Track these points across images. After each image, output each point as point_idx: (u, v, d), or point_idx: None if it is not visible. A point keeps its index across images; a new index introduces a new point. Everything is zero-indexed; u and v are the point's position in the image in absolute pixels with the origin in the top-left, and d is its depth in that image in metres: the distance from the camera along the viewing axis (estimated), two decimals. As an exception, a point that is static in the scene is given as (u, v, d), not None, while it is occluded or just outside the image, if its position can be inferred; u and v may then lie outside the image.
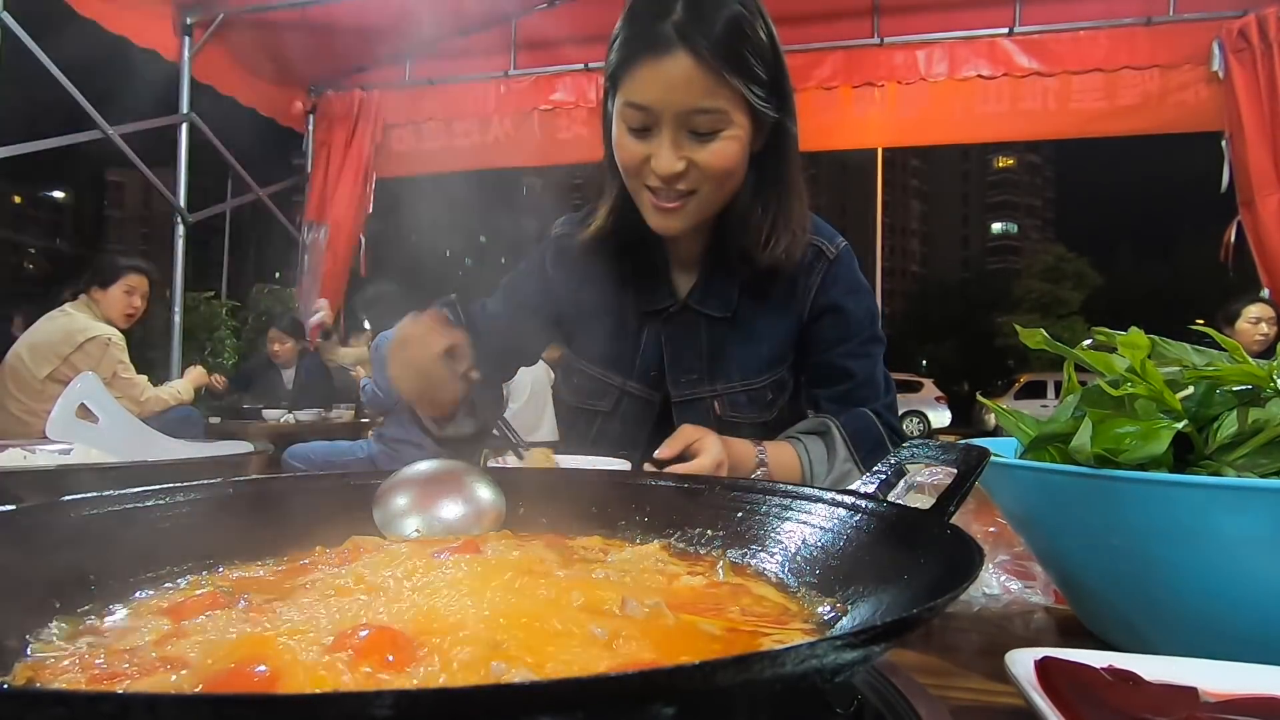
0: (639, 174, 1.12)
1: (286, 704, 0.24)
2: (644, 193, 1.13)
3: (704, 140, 1.07)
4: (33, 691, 0.29)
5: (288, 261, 5.85)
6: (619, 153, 1.13)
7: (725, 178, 1.11)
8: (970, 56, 4.60)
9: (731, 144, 1.08)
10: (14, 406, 3.34)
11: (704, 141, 1.07)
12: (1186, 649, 0.50)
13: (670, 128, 1.06)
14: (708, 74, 1.02)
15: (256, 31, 4.84)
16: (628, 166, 1.12)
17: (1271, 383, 0.58)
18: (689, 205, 1.12)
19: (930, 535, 0.45)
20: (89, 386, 1.23)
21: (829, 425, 1.19)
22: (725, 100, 1.05)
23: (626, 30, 1.08)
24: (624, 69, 1.07)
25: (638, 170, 1.11)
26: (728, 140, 1.08)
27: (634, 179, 1.14)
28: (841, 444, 1.17)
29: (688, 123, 1.06)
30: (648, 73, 1.04)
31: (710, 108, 1.05)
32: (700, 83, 1.03)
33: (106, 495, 0.54)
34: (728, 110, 1.06)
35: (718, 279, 1.25)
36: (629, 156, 1.11)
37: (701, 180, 1.10)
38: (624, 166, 1.13)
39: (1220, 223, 4.34)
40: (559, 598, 0.45)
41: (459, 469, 0.72)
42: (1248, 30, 4.12)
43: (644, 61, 1.04)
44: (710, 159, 1.08)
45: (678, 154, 1.07)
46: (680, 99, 1.04)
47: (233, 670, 0.34)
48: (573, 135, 5.19)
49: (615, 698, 0.24)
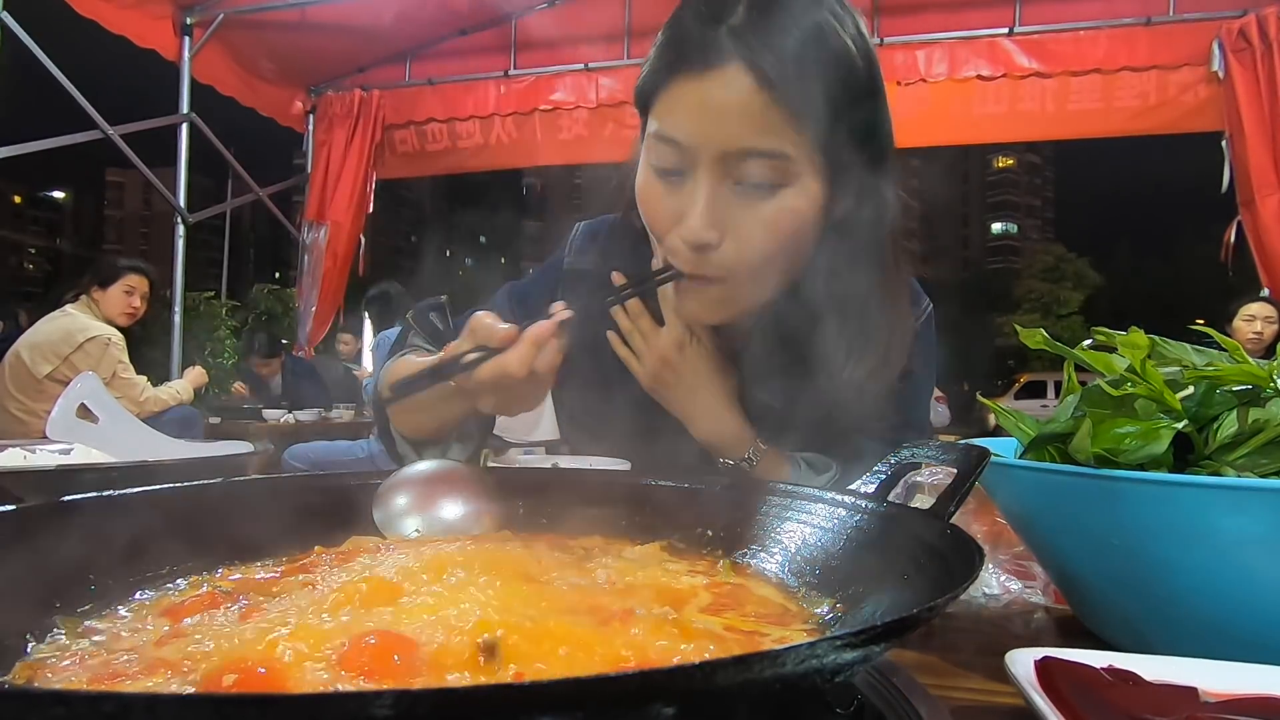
0: (665, 234, 0.83)
1: (286, 704, 0.24)
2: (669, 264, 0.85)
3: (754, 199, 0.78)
4: (33, 691, 0.29)
5: (288, 261, 5.87)
6: (643, 204, 0.85)
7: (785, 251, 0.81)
8: (970, 57, 4.60)
9: (793, 209, 0.78)
10: (14, 406, 3.34)
11: (755, 197, 0.78)
12: (1186, 649, 0.50)
13: (709, 175, 0.77)
14: (768, 97, 0.73)
15: (256, 31, 4.84)
16: (652, 219, 0.85)
17: (1271, 383, 0.58)
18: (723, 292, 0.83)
19: (930, 535, 0.45)
20: (89, 386, 1.23)
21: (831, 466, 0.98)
22: (792, 143, 0.75)
23: (666, 35, 0.81)
24: (654, 87, 0.81)
25: (664, 227, 0.83)
26: (788, 202, 0.78)
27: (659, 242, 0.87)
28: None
29: (735, 170, 0.77)
30: (686, 93, 0.77)
31: (769, 150, 0.75)
32: (755, 113, 0.74)
33: (106, 495, 0.54)
34: (793, 158, 0.76)
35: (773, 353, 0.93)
36: (653, 211, 0.84)
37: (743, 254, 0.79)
38: (648, 219, 0.86)
39: (1220, 223, 4.34)
40: (560, 598, 0.45)
41: (459, 469, 0.72)
42: (1248, 30, 4.12)
43: (682, 77, 0.77)
44: (760, 226, 0.78)
45: (713, 216, 0.78)
46: (727, 134, 0.75)
47: (232, 670, 0.34)
48: (573, 135, 5.20)
49: (615, 698, 0.24)
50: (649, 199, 0.85)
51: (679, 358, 0.94)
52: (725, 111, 0.75)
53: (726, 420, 0.95)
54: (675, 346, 0.94)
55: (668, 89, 0.79)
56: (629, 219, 0.98)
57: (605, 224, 1.08)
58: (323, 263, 5.53)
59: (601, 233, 1.07)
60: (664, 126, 0.80)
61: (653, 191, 0.84)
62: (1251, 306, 3.96)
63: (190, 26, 4.67)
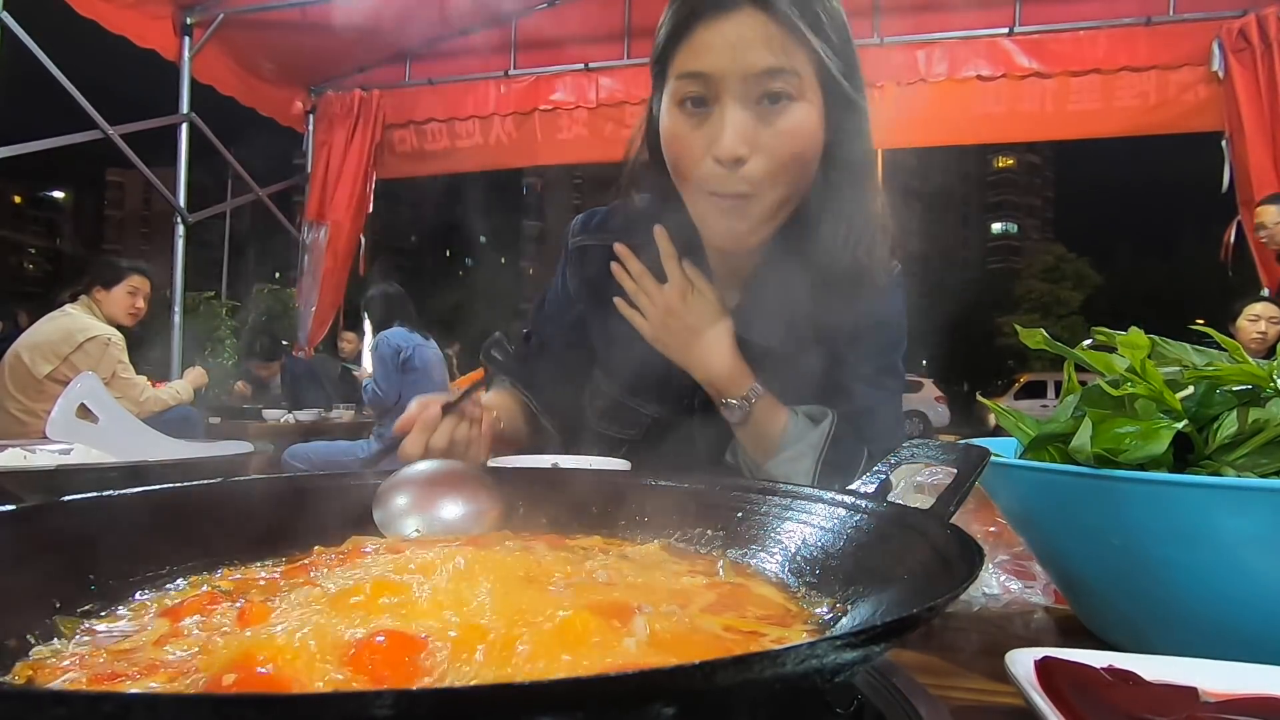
0: (697, 168, 0.95)
1: (286, 704, 0.24)
2: (701, 196, 0.97)
3: (773, 113, 0.92)
4: (33, 691, 0.29)
5: (288, 261, 5.87)
6: (670, 146, 0.97)
7: (798, 162, 0.95)
8: (970, 57, 4.60)
9: (806, 117, 0.93)
10: (14, 406, 3.34)
11: (773, 115, 0.92)
12: (1186, 649, 0.50)
13: (734, 99, 0.91)
14: (780, 28, 0.90)
15: (256, 31, 4.84)
16: (681, 157, 0.97)
17: (1271, 383, 0.58)
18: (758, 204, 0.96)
19: (930, 535, 0.45)
20: (89, 386, 1.23)
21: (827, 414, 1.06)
22: (800, 61, 0.91)
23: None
24: (677, 38, 0.94)
25: (695, 162, 0.95)
26: (801, 112, 0.93)
27: (690, 180, 0.97)
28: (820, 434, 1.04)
29: (755, 89, 0.91)
30: (709, 35, 0.91)
31: (782, 67, 0.90)
32: (772, 39, 0.90)
33: (106, 495, 0.54)
34: (801, 75, 0.92)
35: (768, 303, 1.08)
36: (683, 146, 0.95)
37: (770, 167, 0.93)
38: (676, 162, 0.97)
39: (1220, 223, 4.34)
40: (559, 598, 0.45)
41: (459, 469, 0.72)
42: (1248, 30, 4.12)
43: (703, 24, 0.92)
44: (780, 137, 0.92)
45: (743, 132, 0.91)
46: (747, 60, 0.90)
47: (233, 670, 0.34)
48: (573, 135, 5.20)
49: (615, 698, 0.24)
50: (678, 136, 0.96)
51: (682, 306, 1.04)
52: (745, 42, 0.90)
53: (727, 358, 1.04)
54: (679, 296, 1.04)
55: (690, 37, 0.93)
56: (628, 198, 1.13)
57: (602, 210, 1.22)
58: (323, 263, 5.53)
59: (598, 216, 1.22)
60: (690, 65, 0.93)
61: (681, 128, 0.96)
62: (1255, 306, 3.97)
63: (190, 26, 4.68)
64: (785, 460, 1.03)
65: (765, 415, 1.04)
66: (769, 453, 1.04)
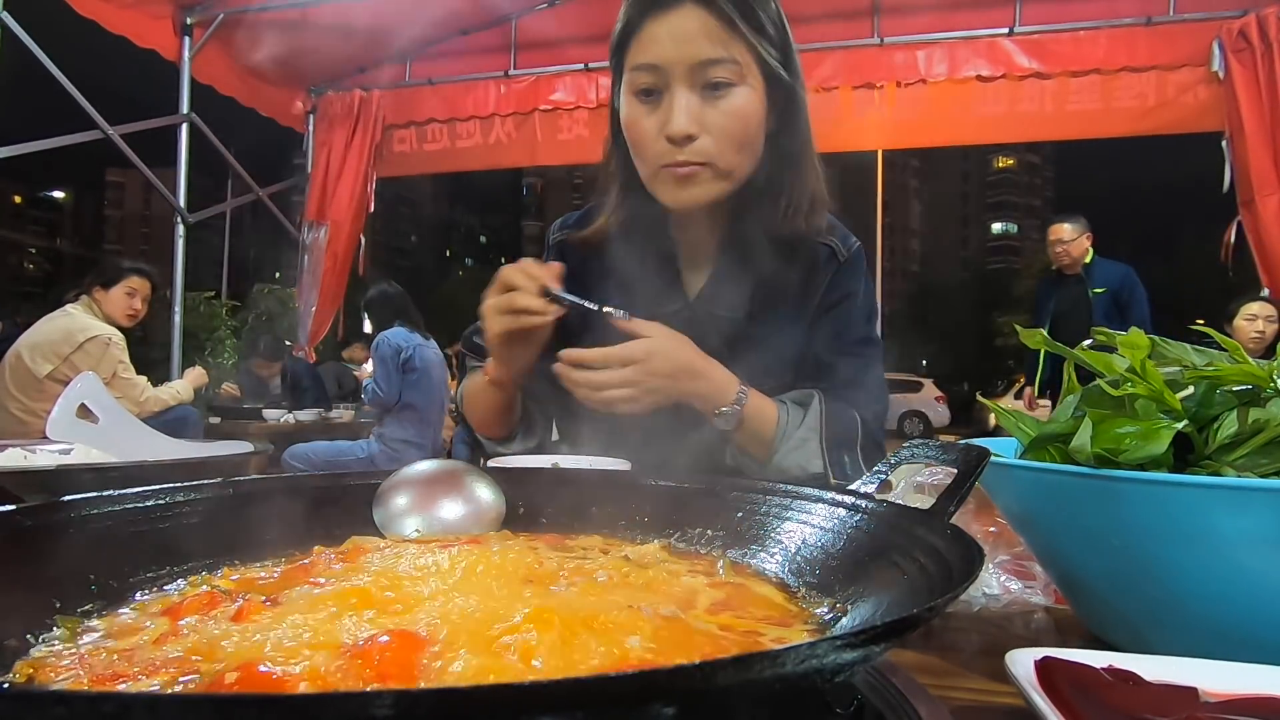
0: (652, 148, 1.06)
1: (286, 704, 0.24)
2: (658, 173, 1.08)
3: (718, 97, 1.03)
4: (33, 691, 0.29)
5: (288, 261, 5.86)
6: (629, 130, 1.08)
7: (742, 140, 1.06)
8: (970, 57, 4.59)
9: (747, 100, 1.04)
10: (14, 406, 3.34)
11: (718, 99, 1.03)
12: (1186, 649, 0.50)
13: (683, 85, 1.02)
14: (719, 22, 1.00)
15: (256, 32, 4.84)
16: (639, 141, 1.08)
17: (1271, 383, 0.58)
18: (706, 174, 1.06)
19: (930, 535, 0.45)
20: (89, 386, 1.23)
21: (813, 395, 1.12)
22: (739, 51, 1.02)
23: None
24: (630, 34, 1.05)
25: (651, 143, 1.06)
26: (743, 96, 1.03)
27: (647, 159, 1.08)
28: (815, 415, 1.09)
29: (701, 77, 1.02)
30: (656, 29, 1.02)
31: (723, 57, 1.01)
32: (712, 32, 1.00)
33: (106, 495, 0.54)
34: (740, 63, 1.02)
35: (730, 276, 1.17)
36: (640, 131, 1.07)
37: (717, 143, 1.04)
38: (635, 143, 1.09)
39: (1220, 223, 4.34)
40: (559, 598, 0.45)
41: (459, 469, 0.72)
42: (1248, 30, 4.12)
43: (651, 19, 1.02)
44: (725, 117, 1.03)
45: (691, 114, 1.02)
46: (691, 51, 1.01)
47: (233, 670, 0.34)
48: (573, 135, 5.20)
49: (615, 698, 0.24)
50: (634, 121, 1.07)
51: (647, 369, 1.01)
52: (689, 34, 1.01)
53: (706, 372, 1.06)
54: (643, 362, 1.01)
55: (641, 31, 1.04)
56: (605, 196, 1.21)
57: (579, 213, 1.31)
58: (323, 263, 5.52)
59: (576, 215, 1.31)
60: (641, 57, 1.04)
61: (637, 113, 1.07)
62: (1253, 306, 3.97)
63: (190, 26, 4.67)
64: (791, 449, 1.07)
65: (756, 413, 1.07)
66: (769, 447, 1.07)
